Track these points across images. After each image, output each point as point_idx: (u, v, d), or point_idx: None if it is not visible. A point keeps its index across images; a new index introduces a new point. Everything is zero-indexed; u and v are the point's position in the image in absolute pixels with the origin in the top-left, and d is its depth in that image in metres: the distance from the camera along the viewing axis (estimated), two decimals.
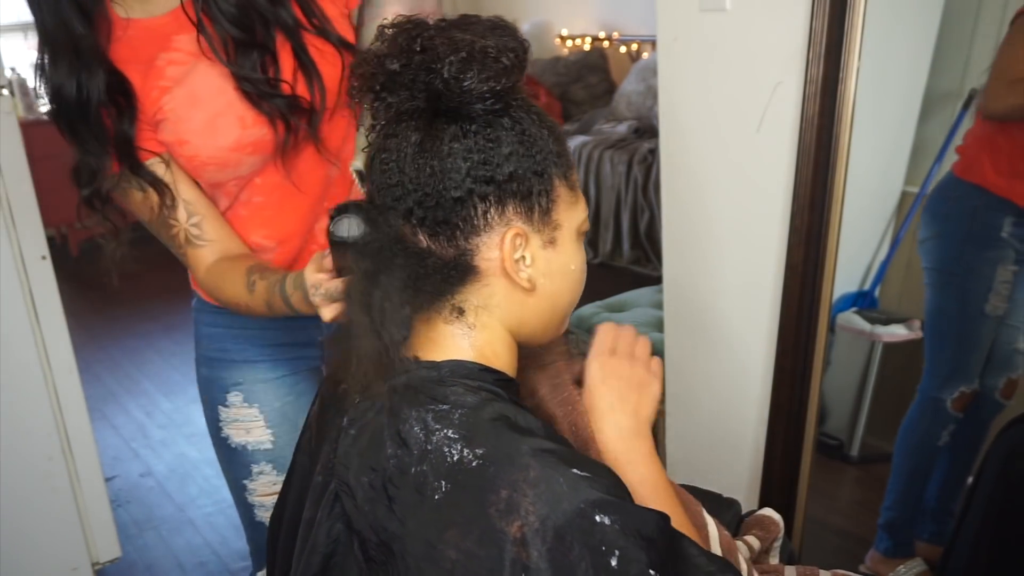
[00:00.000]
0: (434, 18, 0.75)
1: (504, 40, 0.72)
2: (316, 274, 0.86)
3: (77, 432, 1.96)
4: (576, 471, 0.66)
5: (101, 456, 2.07)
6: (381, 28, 0.73)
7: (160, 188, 1.04)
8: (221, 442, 1.23)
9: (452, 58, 0.69)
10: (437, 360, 0.76)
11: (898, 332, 1.81)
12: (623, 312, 2.43)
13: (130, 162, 1.03)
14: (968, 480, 1.81)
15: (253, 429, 1.20)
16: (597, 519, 0.63)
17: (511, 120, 0.73)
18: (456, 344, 0.76)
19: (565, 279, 0.79)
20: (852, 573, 0.99)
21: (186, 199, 1.07)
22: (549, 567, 0.63)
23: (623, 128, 4.36)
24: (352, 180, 1.08)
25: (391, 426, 0.72)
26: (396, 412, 0.72)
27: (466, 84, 0.70)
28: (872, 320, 1.83)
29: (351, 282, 0.76)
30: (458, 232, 0.73)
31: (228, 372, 1.21)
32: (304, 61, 1.05)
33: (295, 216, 1.16)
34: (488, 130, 0.72)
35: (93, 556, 2.04)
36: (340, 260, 0.81)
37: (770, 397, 1.59)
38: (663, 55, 1.63)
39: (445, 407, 0.71)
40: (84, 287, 4.39)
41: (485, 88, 0.70)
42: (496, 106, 0.72)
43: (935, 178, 1.80)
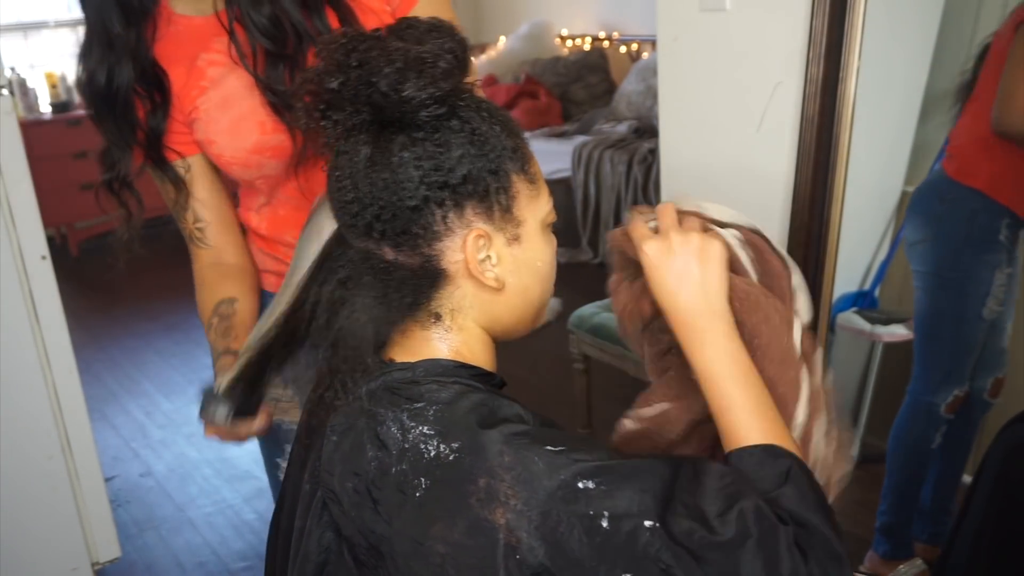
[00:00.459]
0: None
1: (440, 42, 0.71)
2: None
3: (77, 432, 1.96)
4: (550, 448, 0.66)
5: (101, 456, 2.07)
6: (320, 43, 0.73)
7: (177, 185, 1.11)
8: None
9: (388, 70, 0.69)
10: (412, 361, 0.76)
11: (898, 332, 1.81)
12: None
13: (155, 156, 1.08)
14: (961, 479, 1.81)
15: (291, 410, 1.23)
16: (580, 485, 0.63)
17: (459, 121, 0.72)
18: (432, 346, 0.76)
19: (533, 273, 0.78)
20: (855, 574, 0.99)
21: (200, 201, 1.12)
22: (542, 544, 0.63)
23: (623, 128, 4.36)
24: None
25: (370, 429, 0.72)
26: (374, 415, 0.72)
27: (406, 94, 0.69)
28: (872, 320, 1.83)
29: (320, 302, 0.76)
30: (420, 240, 0.73)
31: None
32: None
33: None
34: (436, 135, 0.71)
35: (93, 556, 2.04)
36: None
37: None
38: (663, 55, 1.63)
39: (420, 405, 0.71)
40: (84, 287, 4.39)
41: (425, 95, 0.69)
42: (441, 110, 0.71)
43: None
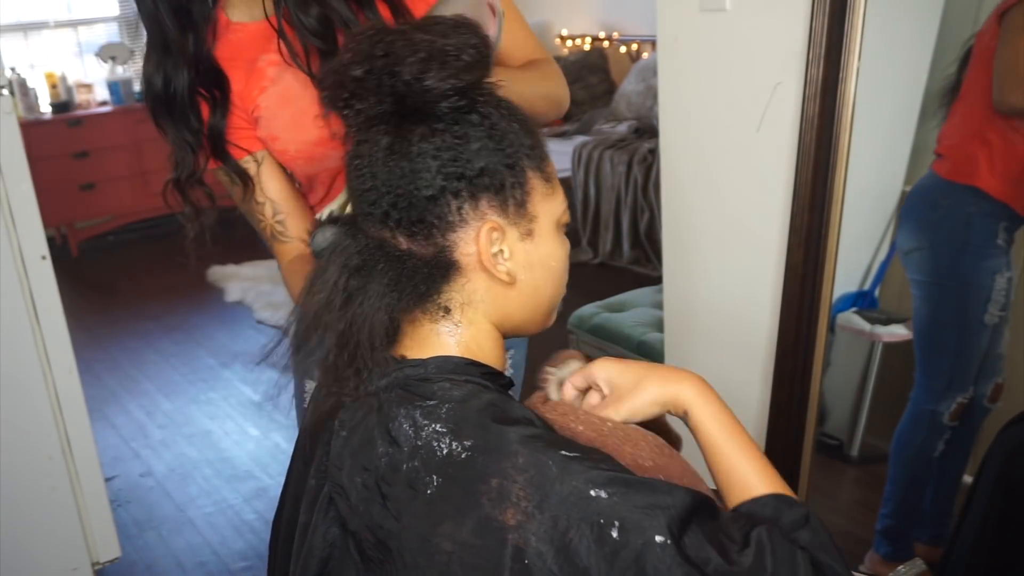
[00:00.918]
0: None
1: (465, 38, 0.73)
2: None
3: (77, 432, 1.96)
4: (564, 452, 0.66)
5: (101, 456, 2.07)
6: (348, 37, 0.75)
7: (245, 181, 1.11)
8: (302, 412, 1.28)
9: (412, 59, 0.70)
10: (423, 357, 0.76)
11: (898, 332, 1.81)
12: (623, 312, 2.43)
13: (219, 154, 1.10)
14: (961, 482, 1.81)
15: None
16: (592, 493, 0.64)
17: (479, 116, 0.73)
18: (442, 341, 0.77)
19: (546, 272, 0.79)
20: (855, 573, 0.99)
21: (273, 197, 1.13)
22: (551, 548, 0.63)
23: (623, 128, 4.36)
24: None
25: (381, 425, 0.72)
26: (385, 411, 0.73)
27: (427, 83, 0.70)
28: (872, 320, 1.83)
29: (322, 286, 0.76)
30: (434, 230, 0.74)
31: None
32: None
33: None
34: (456, 127, 0.72)
35: (93, 556, 2.04)
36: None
37: (770, 397, 1.59)
38: (663, 55, 1.63)
39: (432, 403, 0.71)
40: (84, 287, 4.39)
41: (447, 86, 0.71)
42: (461, 103, 0.72)
43: None
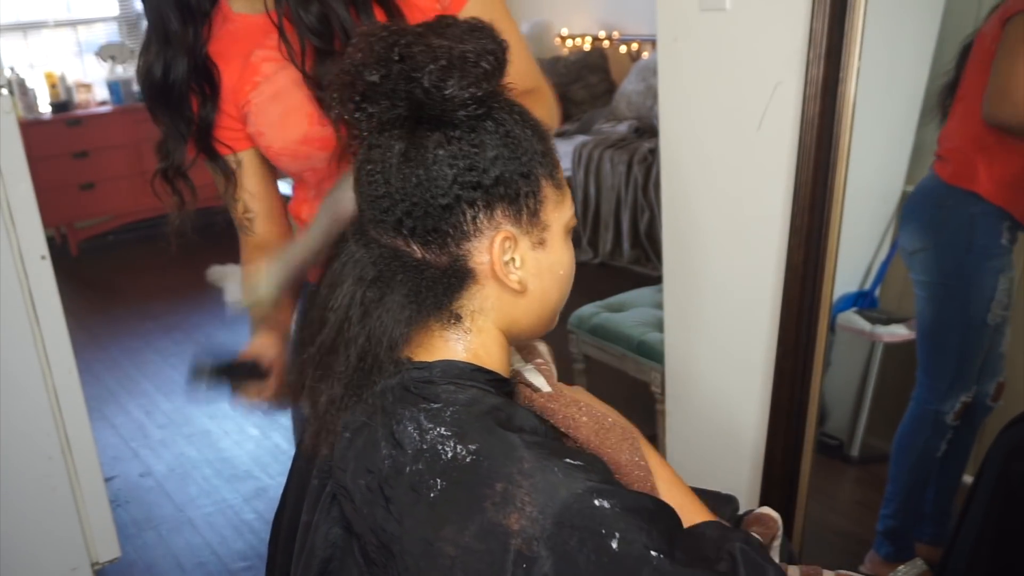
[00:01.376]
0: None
1: (483, 43, 0.72)
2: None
3: (77, 432, 1.96)
4: (569, 460, 0.67)
5: (101, 456, 2.07)
6: (358, 35, 0.73)
7: (227, 177, 1.14)
8: (300, 414, 1.29)
9: (432, 67, 0.69)
10: (429, 361, 0.76)
11: (898, 332, 1.81)
12: (623, 312, 2.43)
13: (205, 147, 1.12)
14: (962, 481, 1.81)
15: None
16: (596, 503, 0.64)
17: (494, 123, 0.73)
18: (450, 347, 0.76)
19: (554, 278, 0.79)
20: (855, 573, 0.99)
21: (250, 193, 1.16)
22: (551, 555, 0.63)
23: (623, 128, 4.36)
24: None
25: (385, 427, 0.72)
26: (390, 413, 0.72)
27: (447, 92, 0.69)
28: (872, 320, 1.83)
29: (338, 300, 0.76)
30: (449, 239, 0.73)
31: None
32: None
33: None
34: (472, 135, 0.72)
35: (92, 556, 2.04)
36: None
37: (770, 397, 1.59)
38: (663, 55, 1.63)
39: (437, 406, 0.71)
40: (84, 287, 4.39)
41: (467, 95, 0.70)
42: (479, 111, 0.72)
43: None
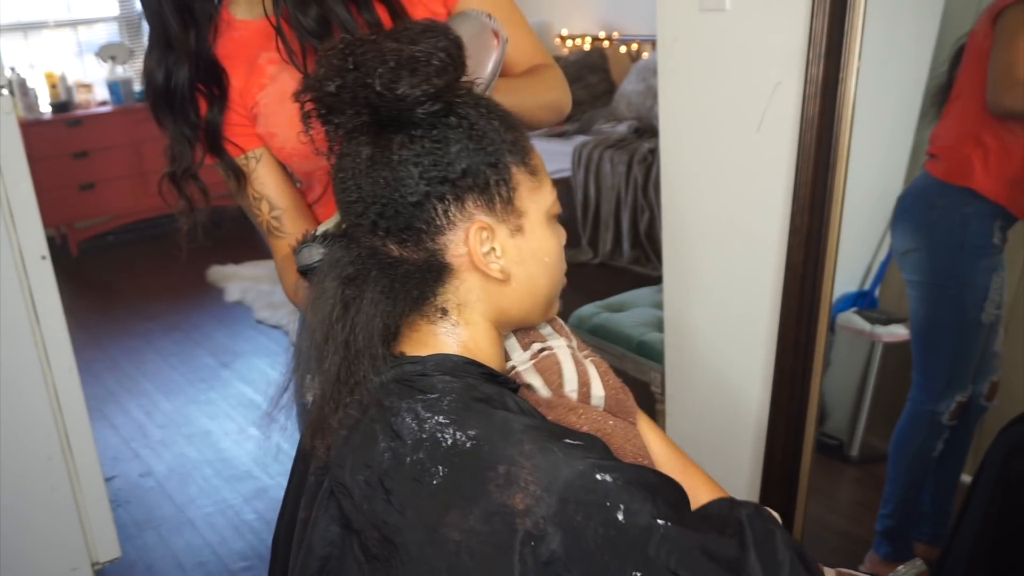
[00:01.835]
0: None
1: (433, 41, 0.74)
2: None
3: (77, 432, 1.96)
4: (568, 440, 0.69)
5: (101, 456, 2.07)
6: (320, 52, 0.75)
7: (238, 177, 1.12)
8: (303, 408, 1.28)
9: (381, 69, 0.71)
10: (422, 355, 0.77)
11: (898, 332, 1.81)
12: (623, 312, 2.43)
13: (216, 150, 1.11)
14: (960, 481, 1.81)
15: None
16: (598, 477, 0.66)
17: (456, 118, 0.74)
18: (441, 341, 0.78)
19: (539, 264, 0.79)
20: (856, 572, 0.99)
21: (271, 193, 1.14)
22: (558, 531, 0.64)
23: (623, 128, 4.36)
24: None
25: (383, 420, 0.73)
26: (386, 407, 0.73)
27: (400, 92, 0.71)
28: (872, 320, 1.83)
29: (323, 299, 0.77)
30: (423, 235, 0.75)
31: None
32: None
33: None
34: (434, 131, 0.73)
35: (93, 556, 2.04)
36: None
37: (770, 397, 1.59)
38: (663, 55, 1.63)
39: (434, 396, 0.72)
40: (84, 287, 4.39)
41: (419, 92, 0.71)
42: (437, 107, 0.73)
43: None
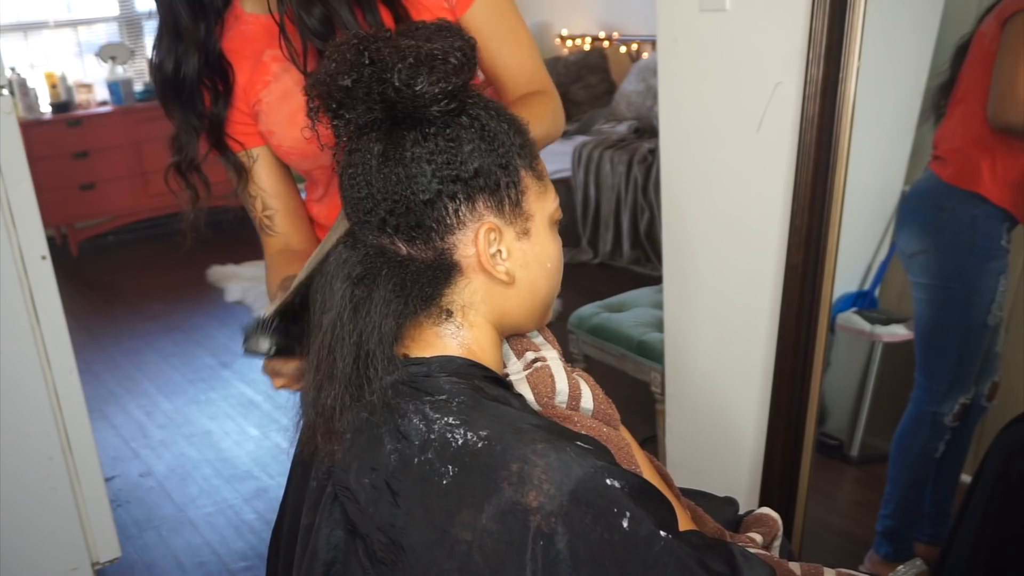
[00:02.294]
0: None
1: (450, 40, 0.74)
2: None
3: (77, 432, 1.96)
4: (580, 444, 0.70)
5: (101, 456, 2.07)
6: (330, 47, 0.75)
7: (240, 173, 1.14)
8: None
9: (400, 65, 0.71)
10: (427, 357, 0.77)
11: (898, 332, 1.81)
12: (623, 312, 2.43)
13: (217, 143, 1.12)
14: (960, 480, 1.81)
15: None
16: (608, 482, 0.67)
17: (469, 118, 0.74)
18: (445, 343, 0.77)
19: (542, 269, 0.80)
20: (856, 572, 0.99)
21: (266, 190, 1.15)
22: (567, 532, 0.65)
23: (623, 128, 4.36)
24: None
25: (389, 422, 0.73)
26: (392, 409, 0.73)
27: (418, 88, 0.71)
28: (872, 320, 1.83)
29: (331, 300, 0.76)
30: (433, 233, 0.74)
31: None
32: None
33: None
34: (448, 130, 0.73)
35: (93, 556, 2.04)
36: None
37: (770, 397, 1.59)
38: (663, 55, 1.63)
39: (442, 397, 0.72)
40: (84, 287, 4.39)
41: (437, 90, 0.72)
42: (451, 106, 0.73)
43: None
